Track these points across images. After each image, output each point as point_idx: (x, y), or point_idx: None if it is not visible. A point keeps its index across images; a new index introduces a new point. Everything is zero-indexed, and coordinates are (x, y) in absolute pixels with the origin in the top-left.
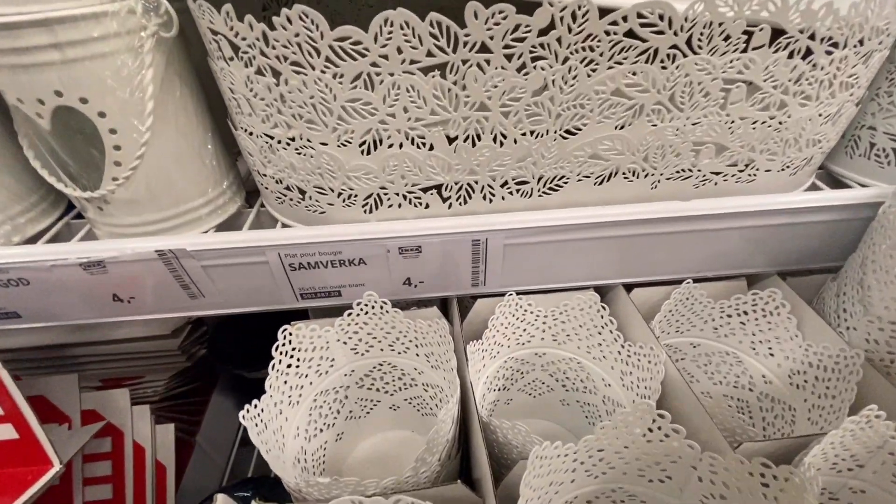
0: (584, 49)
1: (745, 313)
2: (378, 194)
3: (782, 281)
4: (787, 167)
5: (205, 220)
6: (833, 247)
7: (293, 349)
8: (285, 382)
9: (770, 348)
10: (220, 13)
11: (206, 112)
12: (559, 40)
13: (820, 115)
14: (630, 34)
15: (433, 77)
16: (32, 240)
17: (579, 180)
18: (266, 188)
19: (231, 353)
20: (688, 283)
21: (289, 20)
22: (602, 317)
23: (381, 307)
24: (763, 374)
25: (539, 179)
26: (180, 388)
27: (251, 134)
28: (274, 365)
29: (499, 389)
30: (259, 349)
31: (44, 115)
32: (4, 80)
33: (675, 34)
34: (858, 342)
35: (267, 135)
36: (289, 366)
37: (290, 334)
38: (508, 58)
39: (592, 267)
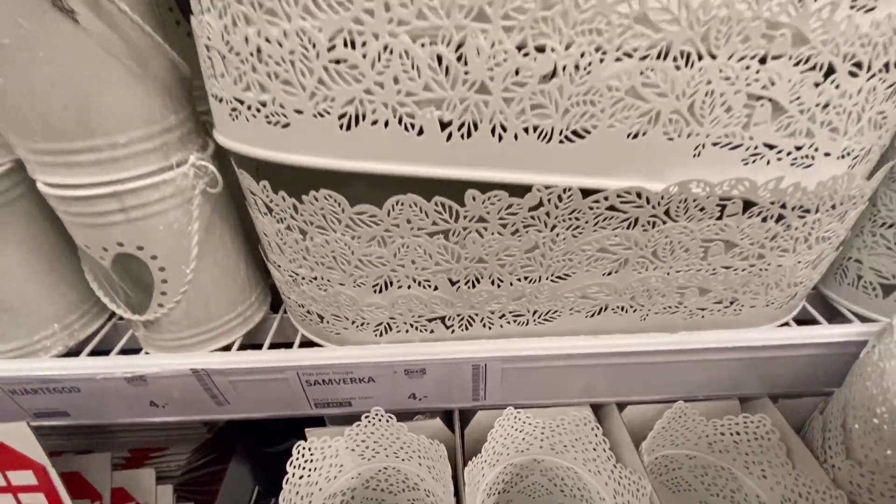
0: (570, 219)
1: (738, 433)
2: (388, 323)
3: (773, 404)
4: (771, 304)
5: (234, 330)
6: (821, 376)
7: (306, 461)
8: (297, 493)
9: (763, 470)
10: (259, 185)
11: (242, 242)
12: (547, 213)
13: (799, 262)
14: (612, 207)
15: (438, 239)
16: (85, 342)
17: (571, 314)
18: (290, 306)
19: (251, 428)
20: (679, 404)
21: (315, 198)
22: (596, 435)
23: (387, 421)
24: (757, 493)
25: (534, 313)
26: (201, 460)
27: (279, 267)
28: (287, 479)
29: (499, 493)
30: (278, 426)
31: (106, 259)
32: (76, 232)
33: (654, 207)
34: (843, 483)
35: (293, 272)
36: (301, 476)
37: (306, 449)
38: (503, 226)
39: (586, 388)
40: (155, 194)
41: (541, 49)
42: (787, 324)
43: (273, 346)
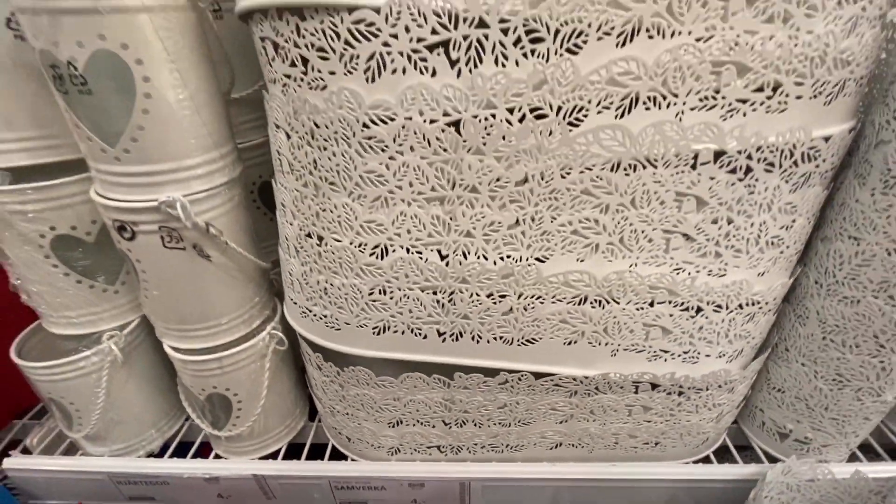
0: (527, 390)
1: None
2: (398, 447)
3: None
4: (690, 444)
5: (283, 438)
6: (732, 500)
7: None
8: None
9: None
10: (314, 355)
11: (295, 376)
12: (511, 387)
13: (703, 419)
14: (557, 384)
15: (435, 394)
16: (171, 438)
17: (536, 447)
18: (326, 426)
19: None
20: None
21: (353, 370)
22: None
23: None
24: None
25: (507, 445)
26: None
27: (321, 401)
28: None
29: None
30: None
31: (202, 395)
32: (185, 376)
33: (586, 386)
34: None
35: (332, 406)
36: None
37: None
38: (481, 392)
39: (552, 500)
40: (241, 355)
41: (503, 295)
42: (708, 456)
43: (312, 445)
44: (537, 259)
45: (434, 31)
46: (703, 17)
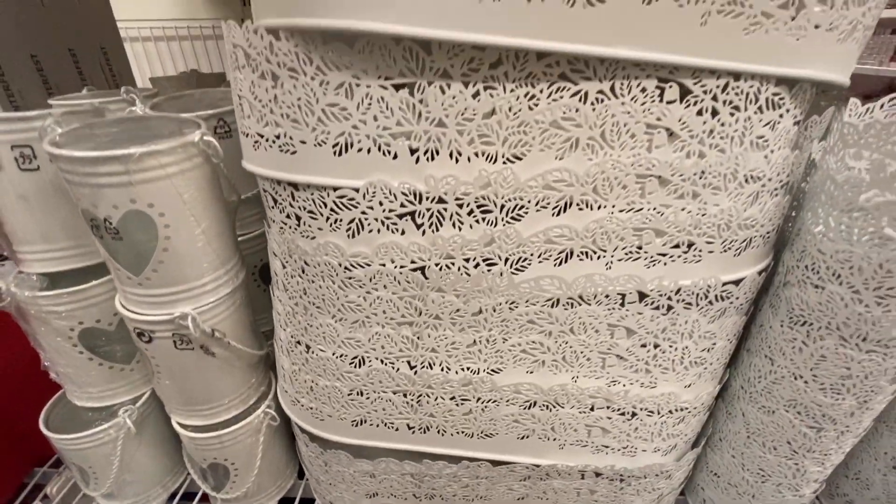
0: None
1: None
2: None
3: None
4: None
5: (274, 496)
6: None
7: None
8: None
9: None
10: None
11: (288, 444)
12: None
13: (644, 501)
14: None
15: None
16: (175, 490)
17: None
18: (311, 487)
19: None
20: None
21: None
22: None
23: None
24: None
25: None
26: None
27: (307, 469)
28: None
29: None
30: None
31: (203, 464)
32: (189, 447)
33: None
34: None
35: (318, 477)
36: None
37: None
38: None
39: None
40: (239, 432)
41: (465, 399)
42: None
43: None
44: (492, 371)
45: (402, 205)
46: (623, 196)
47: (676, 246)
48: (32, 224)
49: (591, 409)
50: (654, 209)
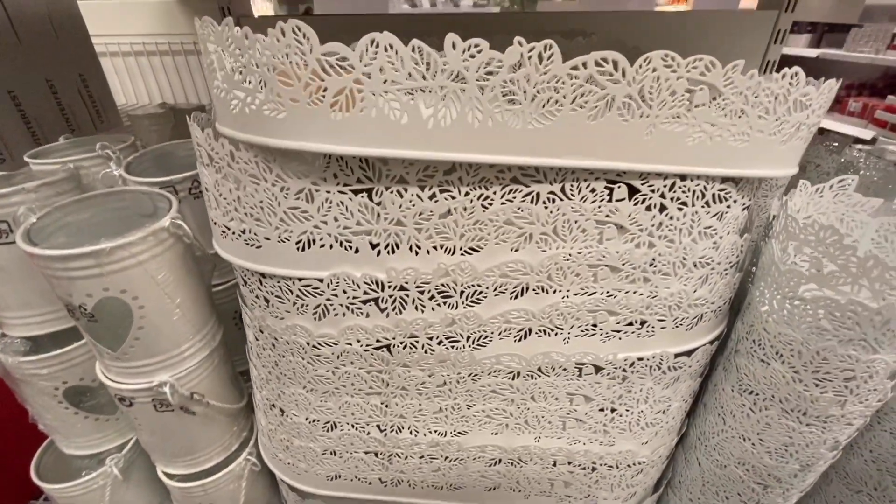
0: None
1: None
2: None
3: None
4: None
5: None
6: None
7: None
8: None
9: None
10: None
11: (269, 477)
12: None
13: None
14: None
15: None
16: None
17: None
18: None
19: None
20: None
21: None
22: None
23: None
24: None
25: None
26: None
27: None
28: None
29: None
30: None
31: None
32: (176, 497)
33: None
34: None
35: None
36: None
37: None
38: None
39: None
40: (221, 479)
41: (433, 458)
42: None
43: None
44: (459, 433)
45: (365, 293)
46: (576, 282)
47: (630, 324)
48: (11, 292)
49: (554, 465)
50: (607, 293)
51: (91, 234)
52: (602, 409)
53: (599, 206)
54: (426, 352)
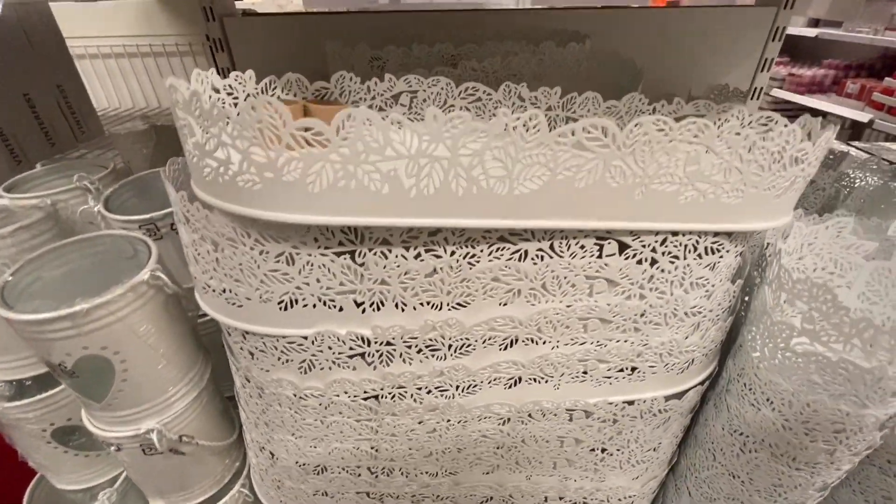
0: None
1: None
2: None
3: None
4: None
5: None
6: None
7: None
8: None
9: None
10: None
11: None
12: None
13: None
14: None
15: None
16: None
17: None
18: None
19: None
20: None
21: None
22: None
23: None
24: None
25: None
26: None
27: None
28: None
29: None
30: None
31: None
32: None
33: None
34: None
35: None
36: None
37: None
38: None
39: None
40: None
41: (424, 498)
42: None
43: None
44: (450, 473)
45: (351, 348)
46: (566, 334)
47: (621, 370)
48: None
49: (545, 500)
50: (597, 343)
51: (69, 289)
52: (593, 450)
53: (589, 262)
54: (415, 401)
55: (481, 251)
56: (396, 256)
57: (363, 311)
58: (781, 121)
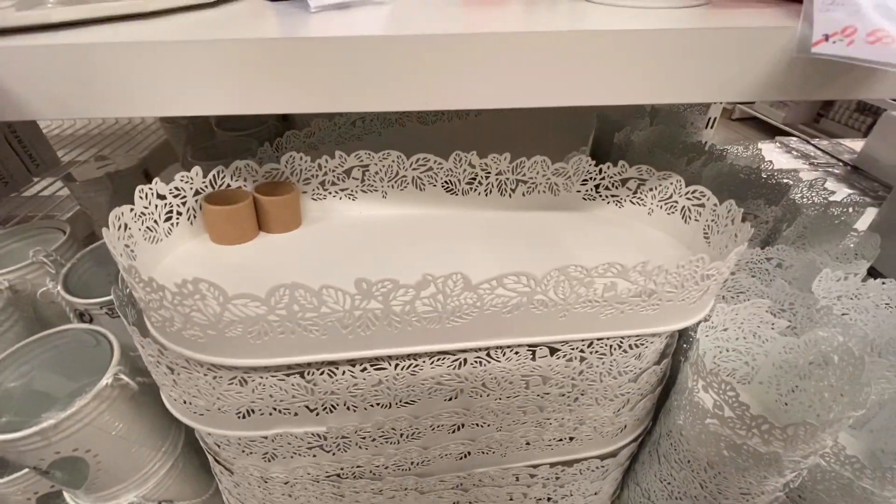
0: None
1: None
2: None
3: None
4: None
5: None
6: None
7: None
8: None
9: None
10: None
11: None
12: None
13: None
14: None
15: None
16: None
17: None
18: None
19: None
20: None
21: None
22: None
23: None
24: None
25: None
26: None
27: None
28: None
29: None
30: None
31: None
32: None
33: None
34: None
35: None
36: None
37: None
38: None
39: None
40: None
41: None
42: None
43: None
44: None
45: (309, 442)
46: (507, 419)
47: (560, 440)
48: None
49: None
50: (536, 423)
51: (35, 392)
52: (539, 500)
53: (523, 364)
54: (375, 476)
55: (423, 362)
56: (343, 373)
57: (317, 414)
58: (712, 198)
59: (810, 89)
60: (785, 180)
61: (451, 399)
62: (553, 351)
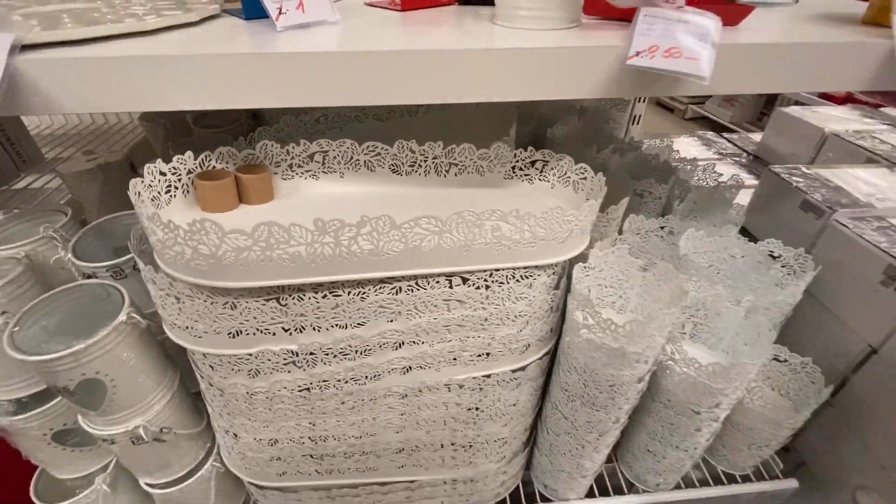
0: None
1: None
2: None
3: None
4: None
5: None
6: None
7: None
8: None
9: None
10: None
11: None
12: None
13: None
14: None
15: None
16: None
17: None
18: None
19: None
20: None
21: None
22: None
23: None
24: None
25: None
26: None
27: None
28: None
29: None
30: None
31: None
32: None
33: None
34: None
35: None
36: None
37: None
38: None
39: None
40: (195, 483)
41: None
42: None
43: None
44: (370, 435)
45: (284, 359)
46: (436, 337)
47: (479, 355)
48: None
49: (441, 447)
50: (459, 340)
51: (65, 331)
52: (469, 409)
53: (443, 291)
54: (337, 389)
55: (369, 289)
56: (309, 298)
57: (290, 334)
58: (589, 173)
59: (637, 89)
60: (682, 166)
61: (391, 321)
62: (465, 280)
